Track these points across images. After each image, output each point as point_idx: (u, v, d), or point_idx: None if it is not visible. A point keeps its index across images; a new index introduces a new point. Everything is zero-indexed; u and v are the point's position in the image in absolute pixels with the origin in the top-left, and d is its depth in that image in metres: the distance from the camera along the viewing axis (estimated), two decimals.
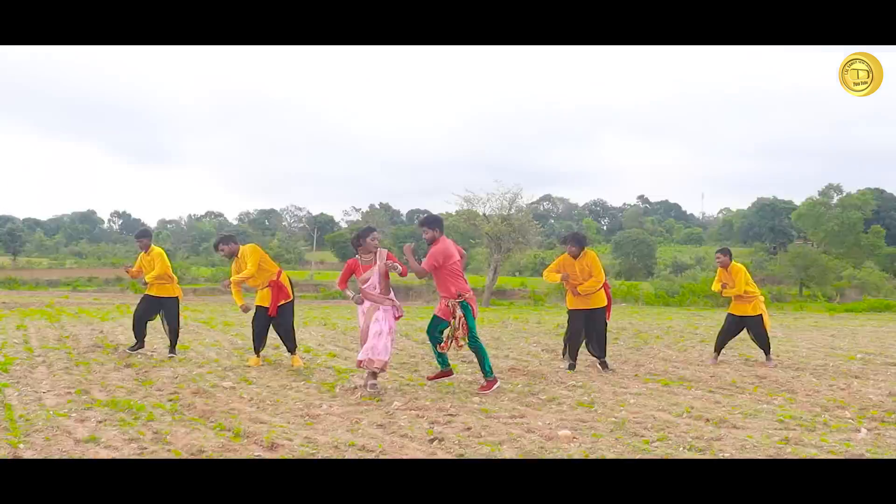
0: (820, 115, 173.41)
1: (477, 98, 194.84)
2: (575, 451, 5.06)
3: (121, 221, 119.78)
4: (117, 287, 52.30)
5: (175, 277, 9.69)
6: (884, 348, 11.33)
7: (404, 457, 4.92)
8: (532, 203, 33.11)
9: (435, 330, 7.51)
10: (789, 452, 5.13)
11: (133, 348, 9.51)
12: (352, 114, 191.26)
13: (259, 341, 8.90)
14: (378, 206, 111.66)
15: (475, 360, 9.52)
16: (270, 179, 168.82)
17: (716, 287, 9.82)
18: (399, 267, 7.15)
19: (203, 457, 4.85)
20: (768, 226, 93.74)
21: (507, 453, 5.04)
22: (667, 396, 7.24)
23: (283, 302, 8.70)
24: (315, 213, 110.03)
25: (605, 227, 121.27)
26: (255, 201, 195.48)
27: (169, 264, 9.52)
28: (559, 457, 4.93)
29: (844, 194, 75.07)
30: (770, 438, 5.54)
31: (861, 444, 5.45)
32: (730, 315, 9.70)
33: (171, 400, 6.67)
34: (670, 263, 77.34)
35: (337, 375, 8.24)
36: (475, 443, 5.32)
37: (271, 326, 8.85)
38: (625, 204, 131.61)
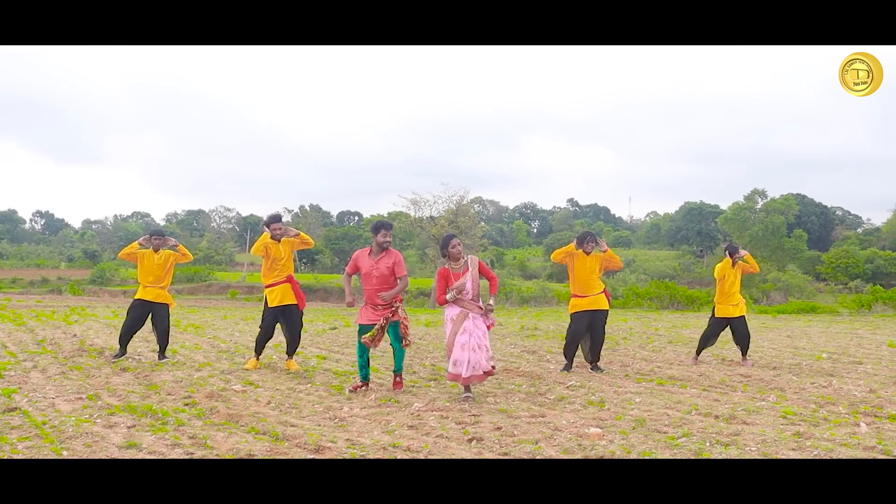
0: (743, 121, 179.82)
1: (405, 101, 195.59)
2: (616, 448, 5.26)
3: (43, 221, 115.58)
4: (43, 289, 50.59)
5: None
6: (844, 348, 11.92)
7: (452, 456, 5.03)
8: (463, 205, 33.44)
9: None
10: (809, 446, 5.43)
11: (116, 356, 9.21)
12: (280, 114, 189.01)
13: (263, 344, 8.86)
14: (308, 208, 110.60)
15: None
16: (198, 179, 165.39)
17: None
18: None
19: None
20: (695, 229, 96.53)
21: (549, 452, 5.20)
22: (667, 395, 7.52)
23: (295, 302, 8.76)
24: (245, 213, 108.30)
25: (535, 230, 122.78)
26: (182, 202, 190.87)
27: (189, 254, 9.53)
28: (603, 454, 5.12)
29: (769, 199, 77.66)
30: (783, 433, 5.84)
31: (867, 437, 5.80)
32: (715, 319, 10.06)
33: (187, 404, 6.60)
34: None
35: (337, 377, 8.27)
36: (512, 442, 5.46)
37: (281, 329, 8.85)
38: (555, 207, 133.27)
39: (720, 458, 5.08)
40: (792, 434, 5.82)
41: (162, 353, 9.21)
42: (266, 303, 8.77)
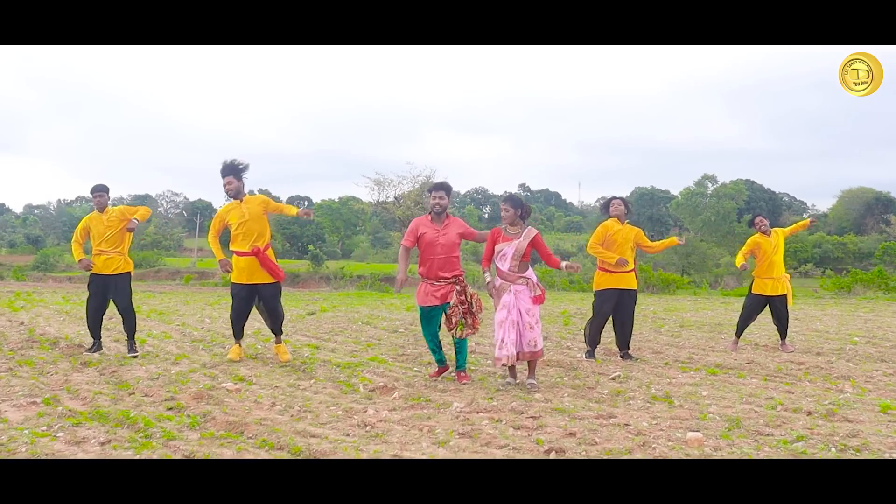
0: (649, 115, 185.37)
1: (324, 94, 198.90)
2: (741, 455, 4.17)
3: None
4: None
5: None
6: (868, 331, 11.09)
7: None
8: (411, 191, 32.26)
9: (434, 323, 6.74)
10: None
11: (91, 350, 7.72)
12: (198, 111, 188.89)
13: (239, 325, 7.54)
14: (257, 192, 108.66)
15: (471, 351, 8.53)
16: (127, 167, 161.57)
17: (740, 261, 9.15)
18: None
19: None
20: (647, 214, 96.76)
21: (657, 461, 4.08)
22: (729, 386, 6.49)
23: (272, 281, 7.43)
24: (192, 198, 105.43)
25: (486, 216, 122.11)
26: (127, 187, 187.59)
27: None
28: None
29: (719, 184, 78.03)
30: None
31: None
32: (753, 295, 9.10)
33: (171, 408, 5.31)
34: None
35: (342, 371, 7.04)
36: (597, 451, 4.35)
37: (256, 308, 7.56)
38: (506, 192, 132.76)
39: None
40: None
41: (131, 341, 7.73)
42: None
